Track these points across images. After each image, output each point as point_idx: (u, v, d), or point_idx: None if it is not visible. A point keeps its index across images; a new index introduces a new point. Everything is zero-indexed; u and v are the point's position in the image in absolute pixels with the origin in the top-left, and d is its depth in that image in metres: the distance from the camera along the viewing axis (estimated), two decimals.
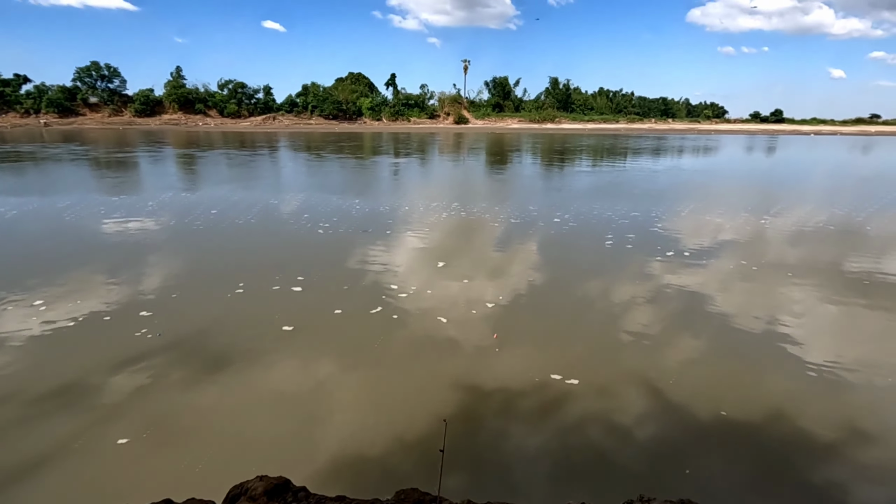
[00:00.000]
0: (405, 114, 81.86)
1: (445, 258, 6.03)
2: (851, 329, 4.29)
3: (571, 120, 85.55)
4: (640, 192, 11.56)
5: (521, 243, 6.79)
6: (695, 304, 4.68)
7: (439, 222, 8.05)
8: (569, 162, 20.75)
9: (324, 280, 5.18)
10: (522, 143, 34.68)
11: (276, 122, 76.66)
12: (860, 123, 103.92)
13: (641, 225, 7.83)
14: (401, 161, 20.38)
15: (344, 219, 8.15)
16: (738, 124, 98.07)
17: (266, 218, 8.27)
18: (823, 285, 5.29)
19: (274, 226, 7.77)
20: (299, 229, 7.45)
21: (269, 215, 8.49)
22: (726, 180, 15.33)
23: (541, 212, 8.87)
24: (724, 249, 6.60)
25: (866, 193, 12.54)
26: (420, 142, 35.53)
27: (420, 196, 10.92)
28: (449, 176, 15.56)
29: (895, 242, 7.21)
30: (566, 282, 5.29)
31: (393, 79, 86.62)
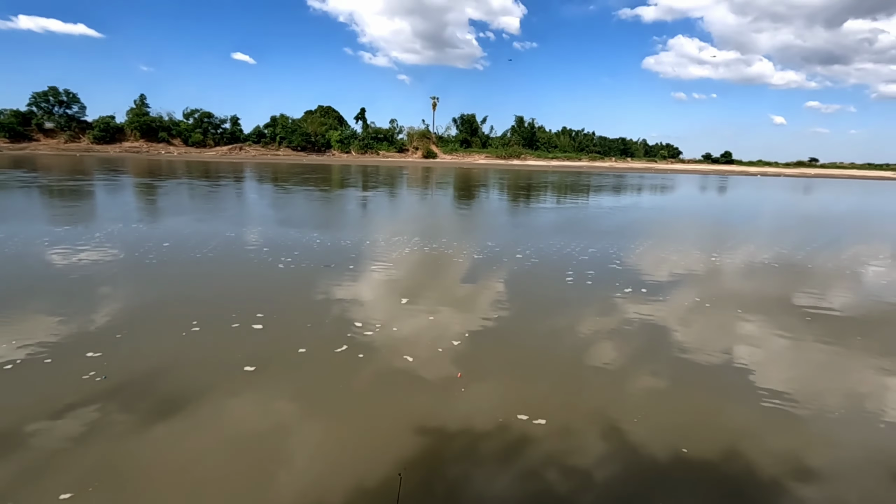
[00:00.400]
0: (374, 147, 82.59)
1: (410, 294, 5.97)
2: (800, 362, 4.46)
3: (536, 157, 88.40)
4: (599, 228, 11.89)
5: (484, 279, 6.81)
6: (654, 340, 4.77)
7: (404, 257, 8.00)
8: (532, 198, 21.27)
9: (286, 317, 5.01)
10: (489, 179, 35.45)
11: (243, 152, 75.77)
12: (801, 166, 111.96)
13: (600, 261, 8.00)
14: (368, 194, 20.41)
15: (306, 253, 7.98)
16: (691, 164, 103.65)
17: (224, 252, 7.95)
18: (772, 319, 5.51)
19: (232, 260, 7.45)
20: (259, 264, 7.21)
21: (228, 249, 8.17)
22: (681, 218, 16.01)
23: (504, 247, 8.95)
24: (680, 285, 6.82)
25: (807, 232, 13.35)
26: (388, 175, 35.79)
27: (385, 230, 10.87)
28: (414, 210, 15.64)
29: (833, 278, 7.62)
30: (530, 318, 5.30)
31: (363, 113, 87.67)
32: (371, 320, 4.97)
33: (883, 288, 7.25)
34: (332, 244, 8.76)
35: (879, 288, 7.26)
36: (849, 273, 8.10)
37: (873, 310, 6.13)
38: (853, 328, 5.38)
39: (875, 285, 7.41)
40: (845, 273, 8.08)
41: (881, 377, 4.18)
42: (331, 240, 9.13)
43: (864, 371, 4.31)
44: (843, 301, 6.43)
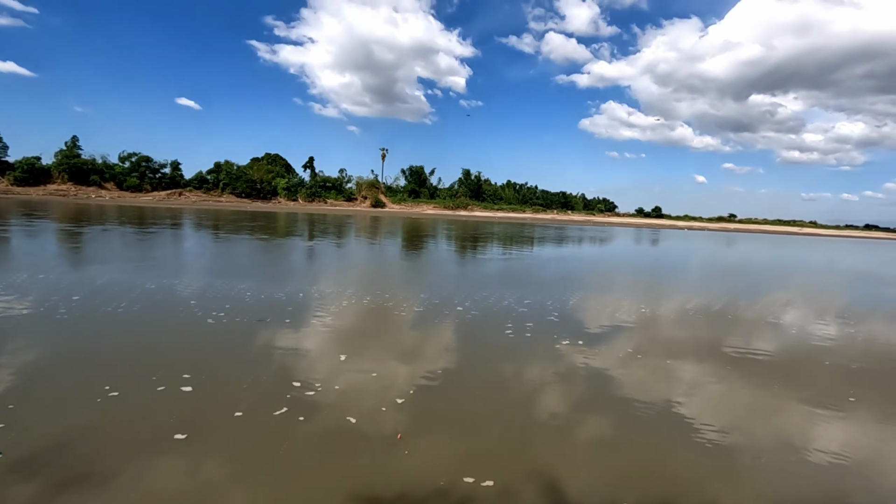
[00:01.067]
0: (322, 195, 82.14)
1: (352, 349, 5.78)
2: (732, 405, 4.65)
3: (483, 208, 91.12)
4: (538, 280, 12.20)
5: (426, 332, 6.72)
6: (594, 390, 4.84)
7: (345, 310, 7.77)
8: (477, 248, 21.68)
9: (219, 378, 4.66)
10: (436, 229, 35.96)
11: (183, 197, 72.94)
12: (722, 221, 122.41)
13: (539, 313, 8.10)
14: (310, 243, 20.02)
15: (239, 306, 7.50)
16: (626, 218, 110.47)
17: (146, 305, 7.31)
18: (703, 366, 5.77)
19: (155, 315, 6.85)
20: (186, 319, 6.69)
21: (150, 302, 7.53)
22: (616, 270, 16.78)
23: (445, 299, 8.90)
24: (616, 335, 7.04)
25: (730, 282, 14.37)
26: (335, 224, 35.48)
27: (325, 281, 10.59)
28: (357, 260, 15.44)
29: (754, 325, 8.17)
30: (473, 372, 5.25)
31: (311, 161, 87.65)
32: (312, 379, 4.73)
33: (797, 332, 7.84)
34: (269, 297, 8.33)
35: (794, 332, 7.84)
36: (767, 320, 8.71)
37: (791, 352, 6.59)
38: (775, 371, 5.74)
39: (790, 330, 8.00)
40: (764, 320, 8.69)
41: (804, 416, 4.44)
42: (267, 292, 8.69)
43: (788, 411, 4.56)
44: (764, 345, 6.88)
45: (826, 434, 4.19)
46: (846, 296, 12.89)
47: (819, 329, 8.26)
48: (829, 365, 6.20)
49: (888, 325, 8.88)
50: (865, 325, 8.83)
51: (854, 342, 7.47)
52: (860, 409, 4.76)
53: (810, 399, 4.93)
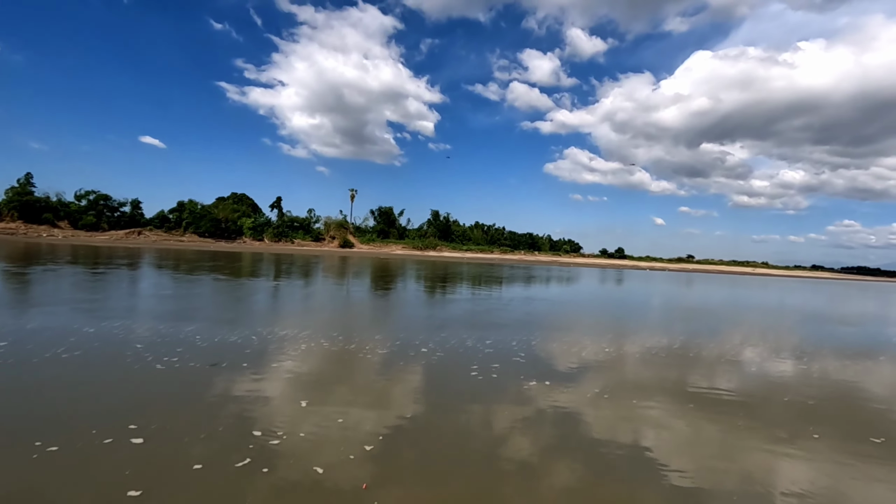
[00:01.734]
0: (290, 235, 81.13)
1: (316, 395, 5.58)
2: (700, 445, 4.69)
3: (451, 249, 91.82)
4: (504, 321, 12.22)
5: (391, 376, 6.57)
6: (562, 432, 4.81)
7: (307, 353, 7.55)
8: (444, 289, 21.69)
9: (173, 428, 4.38)
10: (404, 269, 35.86)
11: (142, 237, 70.61)
12: (681, 262, 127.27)
13: (504, 355, 8.04)
14: (272, 283, 19.58)
15: (191, 350, 7.14)
16: (591, 258, 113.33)
17: (87, 351, 6.85)
18: (669, 405, 5.84)
19: (98, 361, 6.41)
20: (134, 365, 6.29)
21: (91, 347, 7.06)
22: (581, 309, 17.07)
23: (410, 341, 8.76)
24: (583, 375, 7.09)
25: (690, 322, 14.82)
26: (302, 264, 34.91)
27: (286, 323, 10.31)
28: (320, 301, 15.16)
29: (715, 363, 8.38)
30: (439, 417, 5.14)
31: (279, 201, 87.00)
32: (273, 427, 4.52)
33: (756, 369, 8.08)
34: (224, 340, 7.99)
35: (753, 370, 8.07)
36: (728, 358, 8.96)
37: (752, 390, 6.76)
38: (738, 409, 5.86)
39: (750, 368, 8.24)
40: (725, 358, 8.94)
41: (770, 455, 4.51)
42: (223, 335, 8.34)
43: (754, 449, 4.63)
44: (726, 384, 7.04)
45: (793, 473, 4.27)
46: (798, 333, 13.46)
47: (776, 366, 8.55)
48: (789, 401, 6.39)
49: (837, 362, 9.28)
50: (817, 361, 9.20)
51: (809, 379, 7.75)
52: (823, 446, 4.89)
53: (774, 437, 5.04)
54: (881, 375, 8.43)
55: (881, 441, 5.09)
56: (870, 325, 16.81)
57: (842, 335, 13.53)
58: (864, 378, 8.11)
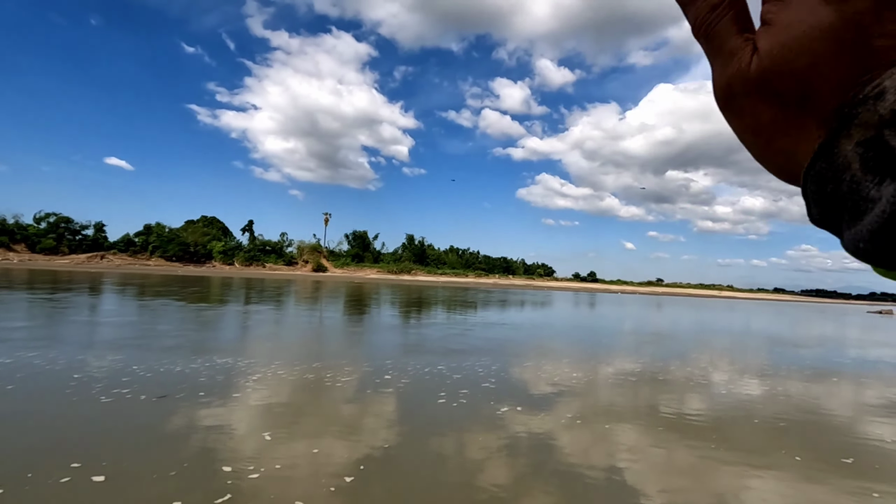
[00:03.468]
0: (261, 259, 79.55)
1: (286, 426, 5.33)
2: (674, 468, 4.63)
3: (427, 273, 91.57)
4: (476, 345, 12.11)
5: (360, 404, 6.36)
6: (536, 459, 4.69)
7: (272, 382, 7.26)
8: (418, 314, 21.49)
9: (137, 465, 4.07)
10: (379, 293, 35.45)
11: (105, 261, 68.07)
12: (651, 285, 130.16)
13: (473, 380, 7.87)
14: (239, 309, 19.02)
15: (143, 382, 6.74)
16: (564, 282, 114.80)
17: (25, 384, 6.40)
18: (642, 429, 5.80)
19: (39, 394, 5.98)
20: (80, 397, 5.89)
21: (30, 379, 6.61)
22: (554, 334, 17.13)
23: (379, 368, 8.51)
24: (554, 401, 7.01)
25: (660, 345, 15.01)
26: (273, 288, 34.12)
27: (251, 351, 9.97)
28: (288, 327, 14.77)
29: (686, 386, 8.45)
30: (415, 445, 4.97)
31: (250, 225, 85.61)
32: (246, 461, 4.26)
33: (725, 392, 8.17)
34: (183, 369, 7.60)
35: (723, 392, 8.16)
36: (698, 381, 9.05)
37: (722, 412, 6.80)
38: (710, 431, 5.86)
39: (719, 390, 8.32)
40: (695, 381, 9.02)
41: (744, 476, 4.49)
42: (182, 363, 7.94)
43: (725, 470, 4.60)
44: (697, 406, 7.07)
45: (767, 495, 4.25)
46: (764, 356, 13.77)
47: (744, 388, 8.66)
48: (758, 423, 6.44)
49: (801, 383, 9.48)
50: (783, 383, 9.38)
51: (776, 400, 7.87)
52: (795, 467, 4.91)
53: (747, 459, 5.04)
54: (843, 396, 8.64)
55: (851, 461, 5.15)
56: (830, 347, 17.37)
57: (805, 357, 13.91)
58: (828, 398, 8.28)
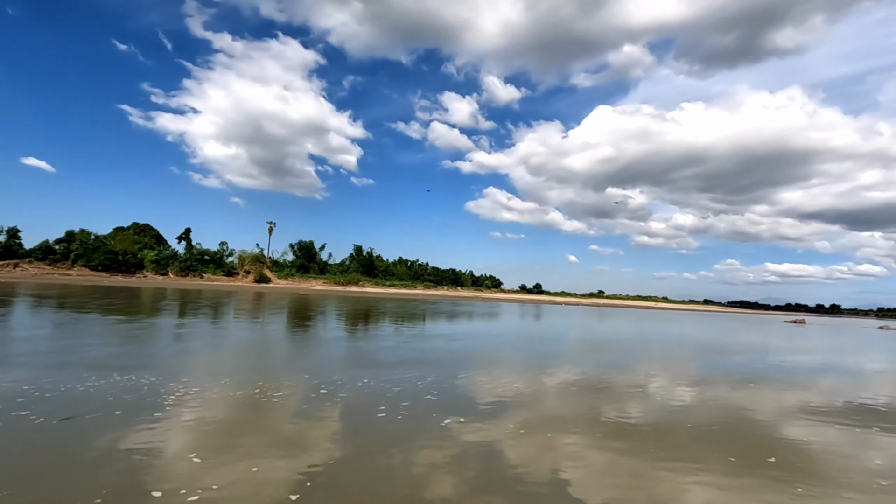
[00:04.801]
0: (199, 270, 75.41)
1: (220, 446, 4.98)
2: (615, 474, 4.72)
3: (374, 284, 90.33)
4: (419, 357, 11.97)
5: (298, 419, 6.07)
6: (482, 471, 4.64)
7: (204, 399, 6.81)
8: (364, 326, 21.10)
9: (53, 494, 3.63)
10: (324, 305, 34.50)
11: (19, 270, 62.19)
12: (593, 297, 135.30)
13: (414, 393, 7.73)
14: (168, 322, 17.87)
15: (46, 402, 6.15)
16: (511, 294, 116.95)
17: None
18: (584, 437, 5.91)
19: None
20: None
21: None
22: (499, 344, 17.32)
23: (315, 381, 8.20)
24: (499, 411, 7.02)
25: (602, 354, 15.53)
26: (209, 300, 32.36)
27: (178, 365, 9.35)
28: (220, 340, 14.01)
29: (625, 394, 8.74)
30: (358, 458, 4.79)
31: (187, 233, 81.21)
32: (179, 484, 3.90)
33: (661, 398, 8.52)
34: (94, 387, 6.97)
35: (659, 399, 8.50)
36: (636, 388, 9.39)
37: (659, 418, 7.06)
38: (648, 436, 6.05)
39: (656, 397, 8.67)
40: (633, 388, 9.35)
41: (677, 478, 4.64)
42: (92, 382, 7.29)
43: (663, 474, 4.74)
44: (636, 413, 7.31)
45: (702, 496, 4.41)
46: (696, 363, 14.57)
47: (678, 394, 9.08)
48: (692, 427, 6.73)
49: (730, 389, 10.07)
50: (713, 388, 9.92)
51: (707, 405, 8.29)
52: (726, 468, 5.14)
53: (683, 462, 5.23)
54: (765, 399, 9.24)
55: (774, 461, 5.48)
56: (753, 354, 18.66)
57: (732, 364, 14.84)
58: (752, 402, 8.83)
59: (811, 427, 7.17)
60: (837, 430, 7.02)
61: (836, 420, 7.66)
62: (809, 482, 4.85)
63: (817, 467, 5.35)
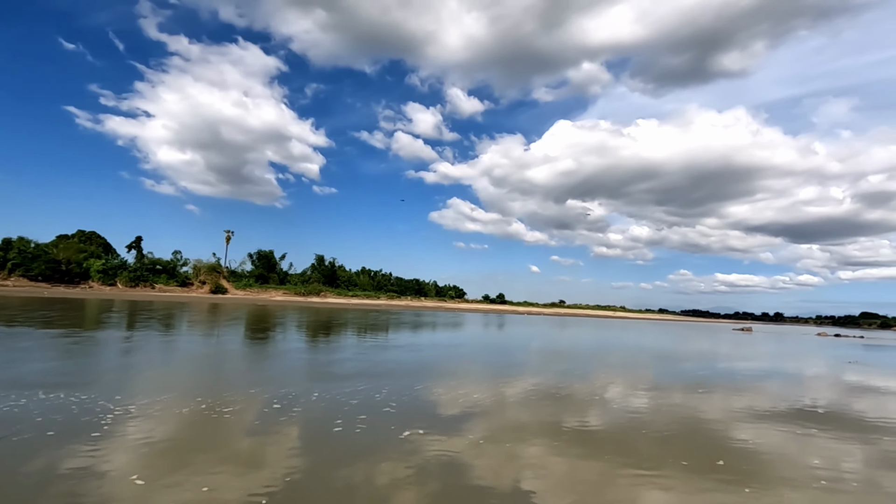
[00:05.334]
0: (150, 280, 71.92)
1: (174, 464, 4.73)
2: (574, 481, 4.79)
3: (337, 295, 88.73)
4: (378, 369, 11.79)
5: (247, 436, 5.86)
6: (443, 482, 4.61)
7: (151, 416, 6.48)
8: (324, 337, 20.68)
9: None
10: (284, 316, 33.58)
11: None
12: (555, 306, 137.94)
13: (372, 405, 7.59)
14: (114, 335, 16.95)
15: None
16: (474, 304, 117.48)
17: None
18: (545, 444, 5.98)
19: None
20: None
21: None
22: (460, 355, 17.34)
23: (268, 396, 7.94)
24: (458, 422, 7.02)
25: (561, 363, 15.81)
26: (160, 311, 30.87)
27: (119, 382, 8.87)
28: (168, 354, 13.40)
29: (584, 402, 8.92)
30: (317, 474, 4.65)
31: (138, 241, 77.51)
32: None
33: (618, 406, 8.74)
34: (30, 407, 6.60)
35: (615, 406, 8.71)
36: (594, 396, 9.60)
37: (615, 425, 7.23)
38: (606, 443, 6.18)
39: (612, 404, 8.88)
40: (591, 396, 9.55)
41: (636, 484, 4.75)
42: (23, 401, 6.90)
43: (620, 479, 4.85)
44: (594, 420, 7.47)
45: (657, 499, 4.52)
46: (650, 370, 15.04)
47: (634, 401, 9.33)
48: (647, 433, 6.93)
49: (682, 395, 10.44)
50: (667, 395, 10.26)
51: (661, 411, 8.56)
52: (678, 471, 5.30)
53: (639, 466, 5.37)
54: (714, 404, 9.63)
55: (722, 463, 5.70)
56: (704, 361, 19.45)
57: (685, 371, 15.41)
58: (703, 407, 9.19)
59: (756, 430, 7.52)
60: (780, 433, 7.40)
61: (779, 423, 8.07)
62: (756, 483, 5.07)
63: (762, 469, 5.61)
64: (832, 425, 8.09)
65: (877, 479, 5.49)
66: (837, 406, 10.07)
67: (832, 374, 16.42)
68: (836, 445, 6.86)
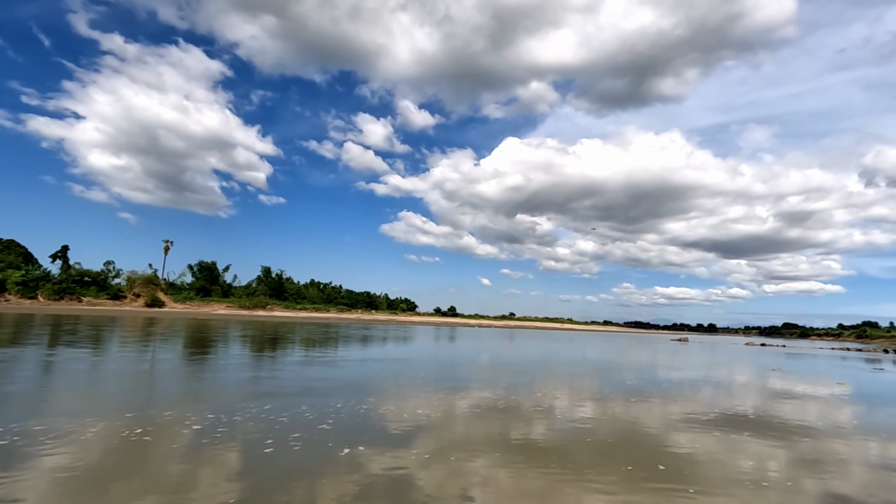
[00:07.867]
0: (77, 293, 66.69)
1: (83, 498, 4.29)
2: (521, 492, 4.76)
3: (284, 308, 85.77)
4: (321, 386, 11.38)
5: (175, 462, 5.46)
6: (386, 499, 4.45)
7: (54, 443, 5.92)
8: (268, 352, 19.88)
9: None
10: (225, 331, 31.99)
11: None
12: (505, 319, 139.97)
13: (305, 423, 7.25)
14: (26, 354, 15.52)
15: None
16: (426, 317, 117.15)
17: None
18: (490, 457, 5.94)
19: None
20: None
21: None
22: (407, 369, 17.14)
23: (196, 417, 7.45)
24: (403, 438, 6.86)
25: (509, 375, 15.95)
26: (86, 327, 28.57)
27: (19, 406, 8.13)
28: (84, 374, 12.44)
29: (530, 413, 9.00)
30: (253, 498, 4.36)
31: (64, 251, 72.03)
32: None
33: (562, 416, 8.87)
34: None
35: (560, 417, 8.85)
36: (540, 407, 9.70)
37: (561, 435, 7.32)
38: (551, 453, 6.23)
39: (558, 415, 9.01)
40: (537, 407, 9.65)
41: (579, 492, 4.78)
42: None
43: (565, 489, 4.87)
44: (540, 431, 7.53)
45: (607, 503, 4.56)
46: (594, 381, 15.46)
47: (578, 412, 9.51)
48: (591, 442, 7.05)
49: (623, 404, 10.77)
50: (608, 405, 10.55)
51: (604, 420, 8.77)
52: (623, 478, 5.40)
53: (584, 476, 5.43)
54: (654, 411, 9.99)
55: (664, 468, 5.87)
56: (644, 371, 20.26)
57: (626, 380, 15.95)
58: (643, 415, 9.50)
59: (693, 435, 7.85)
60: (715, 438, 7.75)
61: (714, 428, 8.46)
62: (695, 486, 5.25)
63: (700, 472, 5.83)
64: (761, 429, 8.58)
65: (800, 478, 5.84)
66: (764, 411, 10.71)
67: (759, 382, 17.52)
68: (765, 448, 7.26)
